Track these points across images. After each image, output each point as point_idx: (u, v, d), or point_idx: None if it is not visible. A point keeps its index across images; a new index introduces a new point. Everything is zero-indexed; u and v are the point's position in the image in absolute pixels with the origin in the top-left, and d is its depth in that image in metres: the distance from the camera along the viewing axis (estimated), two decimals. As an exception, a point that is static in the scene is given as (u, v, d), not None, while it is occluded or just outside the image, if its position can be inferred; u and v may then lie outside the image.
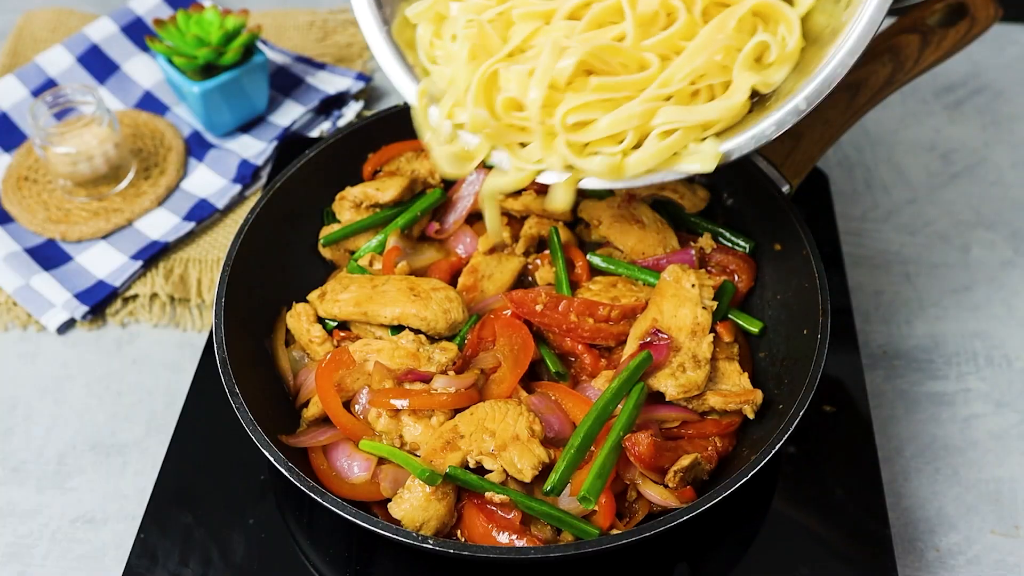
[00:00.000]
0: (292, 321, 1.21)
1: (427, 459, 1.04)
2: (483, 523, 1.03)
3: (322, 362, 1.12)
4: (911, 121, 1.76)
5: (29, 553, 1.19)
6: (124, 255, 1.48)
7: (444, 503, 1.03)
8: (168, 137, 1.64)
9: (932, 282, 1.50)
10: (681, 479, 1.05)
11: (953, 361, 1.39)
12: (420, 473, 1.01)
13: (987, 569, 1.19)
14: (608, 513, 1.03)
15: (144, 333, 1.43)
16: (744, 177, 1.28)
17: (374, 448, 1.05)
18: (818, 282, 1.13)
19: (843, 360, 1.27)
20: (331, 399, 1.10)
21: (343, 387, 1.12)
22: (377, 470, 1.07)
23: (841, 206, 1.59)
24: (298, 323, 1.20)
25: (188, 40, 1.52)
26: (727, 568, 1.10)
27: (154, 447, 1.29)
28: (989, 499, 1.25)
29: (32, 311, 1.42)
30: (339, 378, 1.11)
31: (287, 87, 1.72)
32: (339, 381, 1.12)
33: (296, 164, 1.28)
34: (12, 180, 1.57)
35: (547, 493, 1.03)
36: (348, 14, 1.90)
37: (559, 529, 1.04)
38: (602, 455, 1.03)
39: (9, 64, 1.76)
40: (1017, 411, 1.34)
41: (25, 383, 1.37)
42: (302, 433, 1.13)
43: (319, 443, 1.11)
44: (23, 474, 1.27)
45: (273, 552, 1.11)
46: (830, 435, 1.21)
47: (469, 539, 1.04)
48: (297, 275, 1.29)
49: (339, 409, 1.10)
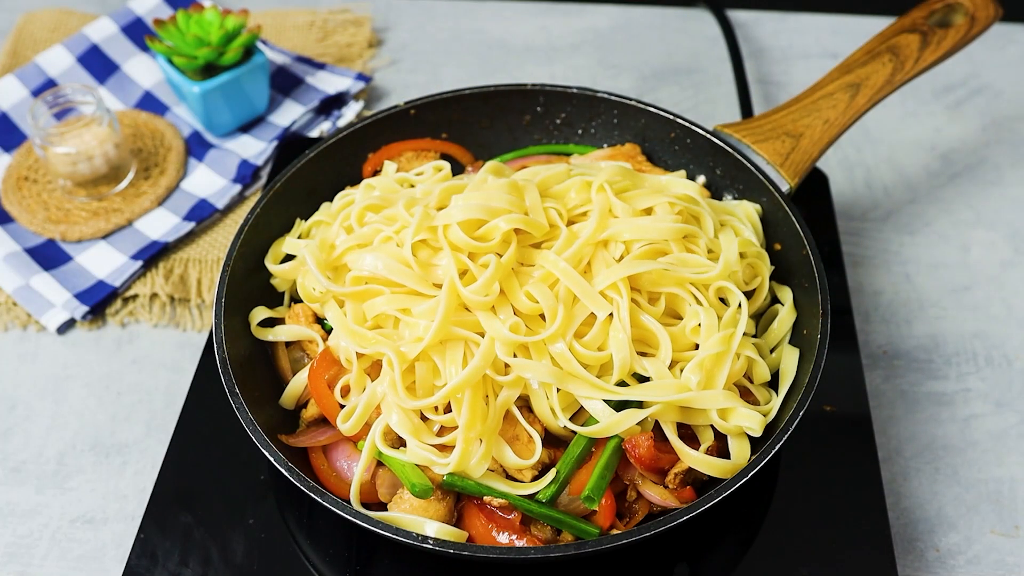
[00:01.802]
0: (291, 321, 1.21)
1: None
2: (483, 523, 1.03)
3: (314, 361, 1.12)
4: (911, 121, 1.76)
5: (29, 553, 1.19)
6: (124, 255, 1.48)
7: (444, 504, 1.03)
8: (168, 137, 1.64)
9: (932, 282, 1.50)
10: (681, 480, 1.05)
11: (953, 361, 1.39)
12: (411, 487, 1.01)
13: (987, 569, 1.19)
14: (609, 513, 1.03)
15: (144, 333, 1.43)
16: (744, 177, 1.28)
17: (371, 452, 1.05)
18: (818, 282, 1.13)
19: (843, 360, 1.27)
20: (326, 399, 1.10)
21: (333, 382, 1.12)
22: (376, 472, 1.07)
23: (841, 206, 1.59)
24: (297, 323, 1.20)
25: (188, 40, 1.52)
26: (727, 568, 1.10)
27: (154, 447, 1.29)
28: (989, 499, 1.25)
29: (32, 311, 1.42)
30: (332, 376, 1.11)
31: (287, 87, 1.72)
32: (331, 379, 1.11)
33: (296, 164, 1.28)
34: (12, 180, 1.57)
35: (547, 501, 1.03)
36: (348, 14, 1.90)
37: (559, 529, 1.04)
38: (604, 456, 1.03)
39: (9, 64, 1.76)
40: (1017, 411, 1.34)
41: (25, 383, 1.37)
42: (301, 433, 1.12)
43: (319, 443, 1.10)
44: (23, 474, 1.27)
45: (273, 552, 1.11)
46: (830, 435, 1.21)
47: (470, 539, 1.03)
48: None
49: (335, 409, 1.10)
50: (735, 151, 1.27)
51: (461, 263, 1.06)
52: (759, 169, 1.25)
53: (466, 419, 1.00)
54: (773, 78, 1.83)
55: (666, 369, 1.06)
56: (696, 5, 1.97)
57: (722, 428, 1.05)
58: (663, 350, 1.07)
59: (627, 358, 1.05)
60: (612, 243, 1.12)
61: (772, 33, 1.93)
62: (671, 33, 1.93)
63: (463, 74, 1.84)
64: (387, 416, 1.04)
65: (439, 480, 1.02)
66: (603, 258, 1.11)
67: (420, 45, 1.90)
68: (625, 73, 1.85)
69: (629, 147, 1.36)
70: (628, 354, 1.05)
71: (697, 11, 1.97)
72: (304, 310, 1.21)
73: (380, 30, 1.92)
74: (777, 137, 1.27)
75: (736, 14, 1.95)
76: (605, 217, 1.12)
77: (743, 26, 1.93)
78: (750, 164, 1.26)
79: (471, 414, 1.01)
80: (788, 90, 1.80)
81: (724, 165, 1.30)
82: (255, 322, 1.18)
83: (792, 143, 1.27)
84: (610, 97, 1.35)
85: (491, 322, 1.04)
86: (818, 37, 1.92)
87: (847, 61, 1.33)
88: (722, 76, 1.83)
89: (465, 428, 1.00)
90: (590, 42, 1.92)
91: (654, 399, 1.03)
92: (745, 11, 1.96)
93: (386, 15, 1.96)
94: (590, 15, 1.97)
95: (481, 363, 1.02)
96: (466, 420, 1.00)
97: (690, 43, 1.91)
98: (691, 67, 1.86)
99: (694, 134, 1.31)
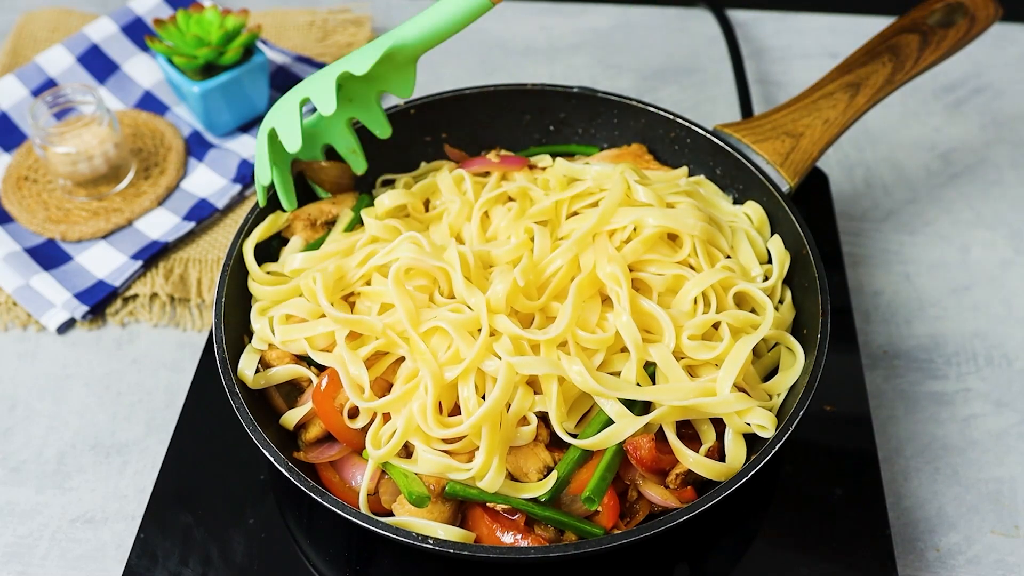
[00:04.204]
0: (279, 362, 1.15)
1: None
2: (488, 524, 1.03)
3: (320, 384, 1.09)
4: (911, 121, 1.76)
5: (29, 553, 1.19)
6: (124, 255, 1.48)
7: (448, 506, 1.03)
8: (168, 137, 1.64)
9: (932, 282, 1.50)
10: (682, 480, 1.05)
11: (953, 361, 1.39)
12: (409, 496, 1.00)
13: (987, 569, 1.19)
14: (612, 514, 1.03)
15: (144, 333, 1.43)
16: (744, 176, 1.28)
17: (375, 461, 1.04)
18: (818, 282, 1.13)
19: (843, 360, 1.27)
20: (335, 421, 1.08)
21: (341, 403, 1.09)
22: (381, 480, 1.06)
23: (841, 206, 1.59)
24: (284, 363, 1.14)
25: (188, 40, 1.52)
26: (727, 568, 1.10)
27: (154, 447, 1.29)
28: (989, 499, 1.25)
29: (32, 311, 1.42)
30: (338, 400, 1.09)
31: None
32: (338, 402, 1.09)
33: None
34: (12, 180, 1.57)
35: (546, 502, 1.03)
36: (348, 14, 1.90)
37: (562, 529, 1.04)
38: (605, 458, 1.03)
39: (9, 64, 1.76)
40: (1017, 411, 1.34)
41: (25, 383, 1.37)
42: (310, 449, 1.11)
43: (329, 458, 1.09)
44: (23, 474, 1.27)
45: (273, 552, 1.11)
46: (830, 435, 1.21)
47: (475, 540, 1.03)
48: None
49: (344, 429, 1.07)
50: (735, 151, 1.27)
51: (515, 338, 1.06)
52: (759, 169, 1.25)
53: (487, 442, 1.00)
54: (773, 78, 1.83)
55: (671, 356, 1.06)
56: (696, 5, 1.97)
57: (736, 427, 1.05)
58: (666, 334, 1.07)
59: (639, 340, 1.05)
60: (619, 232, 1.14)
61: (772, 33, 1.93)
62: (671, 33, 1.93)
63: (463, 74, 1.84)
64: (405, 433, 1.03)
65: (442, 485, 1.02)
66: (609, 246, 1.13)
67: (420, 45, 1.90)
68: (625, 73, 1.85)
69: (636, 147, 1.36)
70: (638, 336, 1.06)
71: (697, 11, 1.97)
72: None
73: (380, 30, 1.92)
74: (777, 137, 1.27)
75: (736, 14, 1.95)
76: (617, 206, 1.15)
77: (743, 26, 1.93)
78: (750, 164, 1.26)
79: (491, 435, 1.00)
80: (788, 90, 1.80)
81: (724, 165, 1.31)
82: (246, 372, 1.11)
83: (792, 143, 1.27)
84: (610, 97, 1.35)
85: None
86: (818, 37, 1.92)
87: (847, 61, 1.33)
88: (722, 76, 1.83)
89: (487, 452, 1.00)
90: (590, 42, 1.91)
91: (671, 402, 1.03)
92: (745, 11, 1.96)
93: (386, 15, 1.96)
94: (590, 15, 1.97)
95: (502, 395, 1.01)
96: (487, 443, 1.00)
97: (690, 43, 1.91)
98: (691, 67, 1.86)
99: (694, 134, 1.31)
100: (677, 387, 1.05)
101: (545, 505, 1.02)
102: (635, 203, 1.17)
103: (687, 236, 1.14)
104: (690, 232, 1.14)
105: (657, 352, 1.06)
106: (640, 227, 1.14)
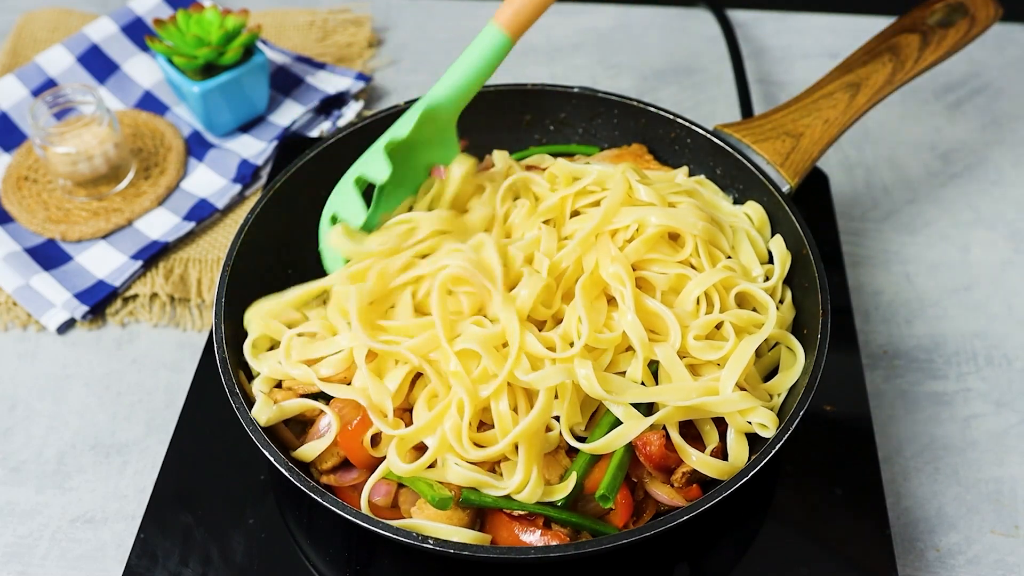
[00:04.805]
0: (286, 396, 1.13)
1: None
2: (508, 524, 1.03)
3: (346, 426, 1.06)
4: (911, 121, 1.76)
5: (29, 553, 1.19)
6: (124, 255, 1.48)
7: (467, 511, 1.03)
8: (168, 137, 1.64)
9: (932, 282, 1.50)
10: (687, 479, 1.05)
11: (953, 361, 1.39)
12: (431, 499, 1.00)
13: (987, 569, 1.19)
14: (625, 512, 1.03)
15: (144, 333, 1.43)
16: (744, 176, 1.28)
17: (393, 476, 1.04)
18: (818, 282, 1.13)
19: (843, 360, 1.27)
20: (362, 456, 1.06)
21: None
22: (398, 492, 1.06)
23: (841, 206, 1.59)
24: (294, 397, 1.15)
25: (188, 40, 1.52)
26: (727, 568, 1.10)
27: (154, 447, 1.29)
28: (989, 499, 1.25)
29: (32, 311, 1.42)
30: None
31: (287, 87, 1.72)
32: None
33: (296, 164, 1.28)
34: (12, 180, 1.57)
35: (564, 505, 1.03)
36: (348, 14, 1.90)
37: (579, 529, 1.04)
38: (617, 455, 1.03)
39: (9, 64, 1.76)
40: (1017, 411, 1.34)
41: (25, 383, 1.37)
42: (329, 476, 1.10)
43: (352, 482, 1.08)
44: (23, 474, 1.27)
45: (273, 552, 1.11)
46: (830, 435, 1.21)
47: (495, 540, 1.03)
48: (297, 275, 1.28)
49: (369, 459, 1.06)
50: (735, 151, 1.27)
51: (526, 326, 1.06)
52: (759, 169, 1.25)
53: (525, 456, 1.00)
54: (773, 78, 1.83)
55: (675, 355, 1.06)
56: (696, 5, 1.97)
57: (738, 426, 1.05)
58: (672, 334, 1.07)
59: (645, 339, 1.05)
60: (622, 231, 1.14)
61: (772, 33, 1.93)
62: (671, 33, 1.93)
63: (463, 74, 1.84)
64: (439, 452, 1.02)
65: (454, 493, 1.02)
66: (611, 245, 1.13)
67: (420, 45, 1.90)
68: (625, 73, 1.85)
69: (636, 147, 1.36)
70: (644, 335, 1.06)
71: (697, 11, 1.97)
72: (292, 384, 1.14)
73: (380, 30, 1.92)
74: (777, 137, 1.27)
75: (736, 14, 1.95)
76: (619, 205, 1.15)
77: (743, 26, 1.93)
78: (750, 164, 1.26)
79: (529, 450, 1.00)
80: (788, 90, 1.80)
81: (724, 165, 1.31)
82: (263, 419, 1.07)
83: (792, 143, 1.27)
84: (610, 97, 1.35)
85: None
86: (818, 37, 1.92)
87: (847, 61, 1.33)
88: (722, 76, 1.83)
89: (525, 466, 1.00)
90: (590, 42, 1.92)
91: (676, 402, 1.03)
92: (745, 11, 1.96)
93: (386, 15, 1.96)
94: (590, 15, 1.97)
95: (541, 416, 1.01)
96: (525, 457, 1.00)
97: (690, 43, 1.91)
98: (691, 67, 1.86)
99: (694, 134, 1.31)
100: (681, 387, 1.05)
101: (561, 508, 1.02)
102: (637, 202, 1.17)
103: (689, 235, 1.14)
104: (692, 231, 1.14)
105: (662, 351, 1.06)
106: (643, 226, 1.14)
